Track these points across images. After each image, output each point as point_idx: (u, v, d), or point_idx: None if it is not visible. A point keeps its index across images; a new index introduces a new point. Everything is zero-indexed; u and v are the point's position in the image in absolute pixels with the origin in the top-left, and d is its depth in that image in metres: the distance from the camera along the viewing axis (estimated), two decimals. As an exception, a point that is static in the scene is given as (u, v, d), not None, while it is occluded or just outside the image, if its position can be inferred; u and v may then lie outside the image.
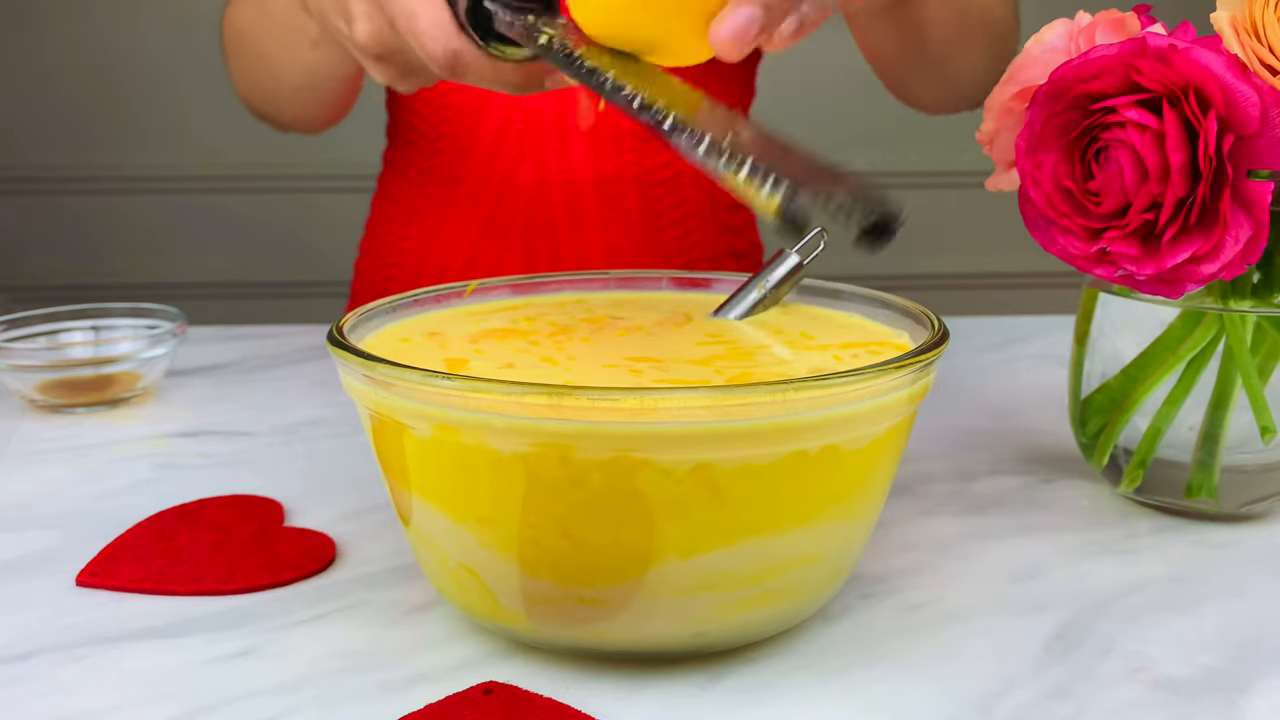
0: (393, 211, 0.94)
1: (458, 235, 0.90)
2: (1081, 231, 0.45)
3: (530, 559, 0.36)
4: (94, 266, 1.91)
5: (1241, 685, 0.38)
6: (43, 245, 1.90)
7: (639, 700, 0.37)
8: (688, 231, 0.91)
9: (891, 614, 0.42)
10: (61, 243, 1.90)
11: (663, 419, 0.33)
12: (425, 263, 0.92)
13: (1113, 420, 0.51)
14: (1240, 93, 0.41)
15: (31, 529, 0.50)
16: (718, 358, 0.41)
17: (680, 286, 0.52)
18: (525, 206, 0.88)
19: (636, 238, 0.89)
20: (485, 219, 0.89)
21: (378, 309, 0.45)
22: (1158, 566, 0.47)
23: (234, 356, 0.78)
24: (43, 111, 1.87)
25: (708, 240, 0.92)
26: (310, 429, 0.63)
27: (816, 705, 0.37)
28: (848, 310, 0.48)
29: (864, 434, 0.37)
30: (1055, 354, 0.77)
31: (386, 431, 0.38)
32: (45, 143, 1.88)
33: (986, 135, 0.49)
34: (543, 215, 0.88)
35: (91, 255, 1.90)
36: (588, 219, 0.88)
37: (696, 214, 0.91)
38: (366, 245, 0.97)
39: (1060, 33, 0.47)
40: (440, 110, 0.88)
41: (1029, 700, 0.37)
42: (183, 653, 0.40)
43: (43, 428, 0.63)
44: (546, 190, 0.87)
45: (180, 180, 1.88)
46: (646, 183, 0.89)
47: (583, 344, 0.43)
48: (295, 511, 0.51)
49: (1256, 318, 0.47)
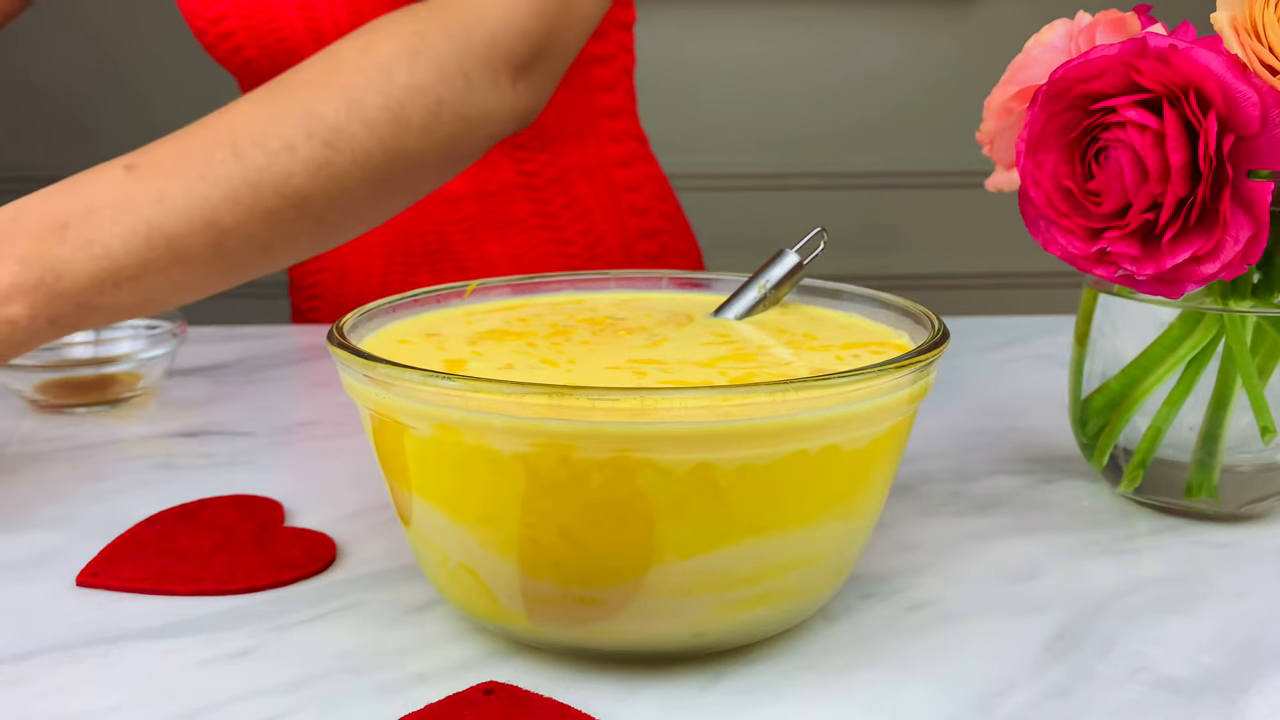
0: None
1: (366, 265, 0.90)
2: (1081, 231, 0.45)
3: (530, 559, 0.36)
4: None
5: (1241, 685, 0.38)
6: (43, 245, 1.90)
7: (639, 700, 0.37)
8: (591, 226, 0.90)
9: (891, 614, 0.42)
10: (61, 243, 1.90)
11: (663, 419, 0.33)
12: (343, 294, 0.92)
13: (1113, 420, 0.51)
14: (1240, 93, 0.41)
15: (31, 529, 0.50)
16: (722, 359, 0.41)
17: (680, 287, 0.52)
18: (417, 229, 0.87)
19: (538, 240, 0.89)
20: (385, 247, 0.89)
21: (378, 308, 0.45)
22: (1158, 566, 0.47)
23: (234, 356, 0.78)
24: (43, 111, 1.87)
25: (614, 230, 0.91)
26: (310, 429, 0.63)
27: (816, 705, 0.37)
28: (848, 310, 0.48)
29: (864, 434, 0.37)
30: (1055, 354, 0.77)
31: (386, 431, 0.38)
32: (45, 143, 1.88)
33: (986, 135, 0.49)
34: (435, 233, 0.87)
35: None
36: (481, 231, 0.87)
37: (597, 207, 0.90)
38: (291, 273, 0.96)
39: (1060, 33, 0.47)
40: None
41: (1029, 700, 0.37)
42: (183, 653, 0.40)
43: (43, 428, 0.63)
44: (431, 210, 0.87)
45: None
46: (532, 187, 0.88)
47: (582, 346, 0.43)
48: (295, 511, 0.51)
49: (1256, 318, 0.47)
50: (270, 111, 0.54)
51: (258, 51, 0.83)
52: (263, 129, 0.54)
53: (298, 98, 0.55)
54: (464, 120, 0.60)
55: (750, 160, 1.95)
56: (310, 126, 0.54)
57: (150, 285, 0.52)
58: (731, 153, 1.95)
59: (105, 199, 0.51)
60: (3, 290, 0.48)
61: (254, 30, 0.82)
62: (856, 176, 1.99)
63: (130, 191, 0.51)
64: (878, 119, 1.97)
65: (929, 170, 1.96)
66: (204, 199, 0.52)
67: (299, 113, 0.54)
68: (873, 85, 1.96)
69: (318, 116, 0.55)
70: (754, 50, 1.93)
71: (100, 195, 0.51)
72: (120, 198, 0.51)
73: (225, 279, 0.55)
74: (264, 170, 0.53)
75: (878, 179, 1.99)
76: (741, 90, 1.94)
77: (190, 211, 0.51)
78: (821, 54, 1.95)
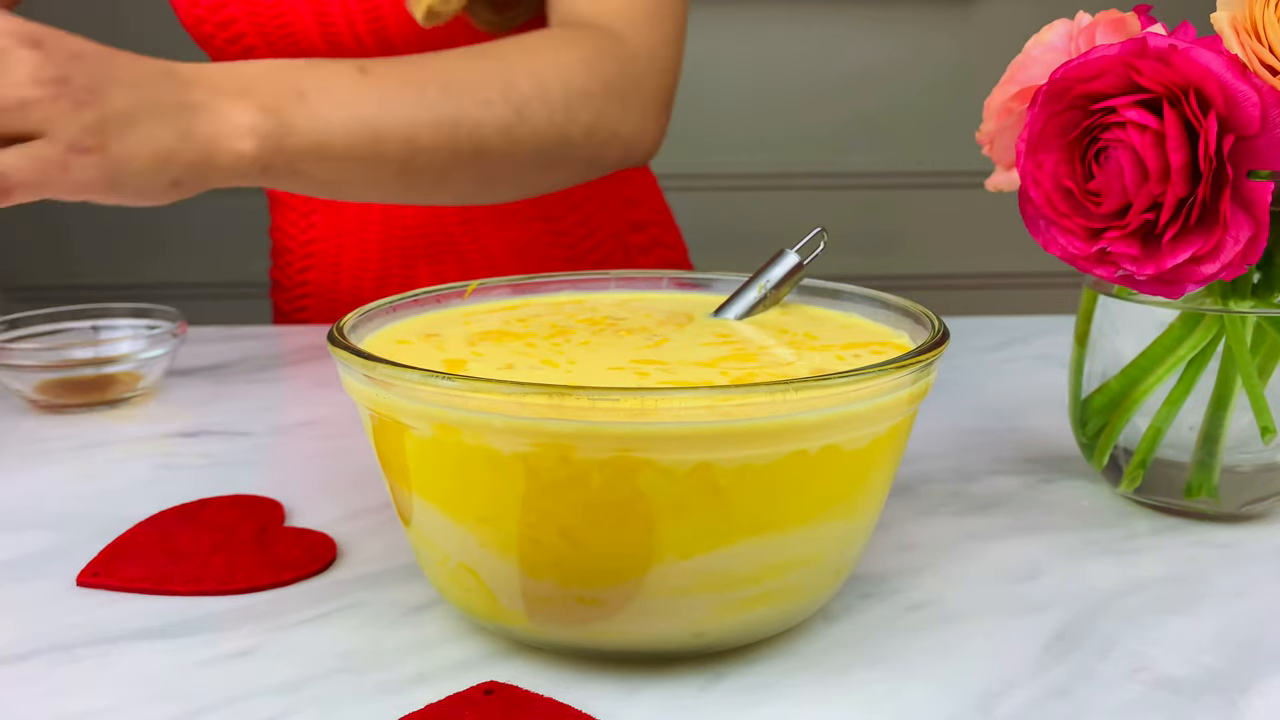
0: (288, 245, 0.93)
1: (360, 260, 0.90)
2: (1081, 231, 0.45)
3: (530, 559, 0.36)
4: (94, 266, 1.91)
5: (1241, 685, 0.38)
6: (43, 245, 1.90)
7: (639, 700, 0.37)
8: (587, 216, 0.91)
9: (891, 614, 0.42)
10: (61, 243, 1.90)
11: (663, 419, 0.33)
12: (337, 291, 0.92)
13: (1113, 420, 0.51)
14: (1240, 93, 0.41)
15: (31, 529, 0.50)
16: (723, 359, 0.41)
17: (680, 287, 0.52)
18: (416, 225, 0.88)
19: (537, 231, 0.89)
20: (381, 241, 0.89)
21: (378, 308, 0.45)
22: (1158, 566, 0.47)
23: (234, 356, 0.78)
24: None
25: (609, 220, 0.92)
26: (310, 429, 0.63)
27: (816, 705, 0.37)
28: (848, 310, 0.48)
29: (864, 434, 0.37)
30: (1055, 354, 0.77)
31: (387, 431, 0.38)
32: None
33: (986, 135, 0.49)
34: (435, 227, 0.88)
35: (91, 255, 1.91)
36: (482, 225, 0.88)
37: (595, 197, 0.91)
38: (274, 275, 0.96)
39: (1060, 33, 0.47)
40: None
41: (1029, 700, 0.37)
42: (183, 653, 0.40)
43: (43, 427, 0.63)
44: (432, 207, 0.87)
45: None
46: None
47: (583, 347, 0.43)
48: (295, 511, 0.51)
49: (1256, 318, 0.47)
50: (479, 68, 0.63)
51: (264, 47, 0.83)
52: (471, 80, 0.62)
53: (499, 66, 0.63)
54: (615, 136, 0.68)
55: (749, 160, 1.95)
56: (506, 92, 0.63)
57: (347, 170, 0.60)
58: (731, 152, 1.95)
59: (338, 85, 0.59)
60: (244, 127, 0.57)
61: (261, 26, 0.82)
62: (856, 176, 1.99)
63: (359, 88, 0.60)
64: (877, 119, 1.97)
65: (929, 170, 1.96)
66: (411, 117, 0.60)
67: (499, 78, 0.63)
68: (872, 85, 1.96)
69: (513, 85, 0.63)
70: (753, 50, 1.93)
71: (334, 80, 0.60)
72: (350, 89, 0.59)
73: (399, 192, 0.64)
74: (464, 113, 0.61)
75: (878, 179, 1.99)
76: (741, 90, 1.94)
77: (400, 123, 0.60)
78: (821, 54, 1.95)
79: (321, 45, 0.81)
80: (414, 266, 0.89)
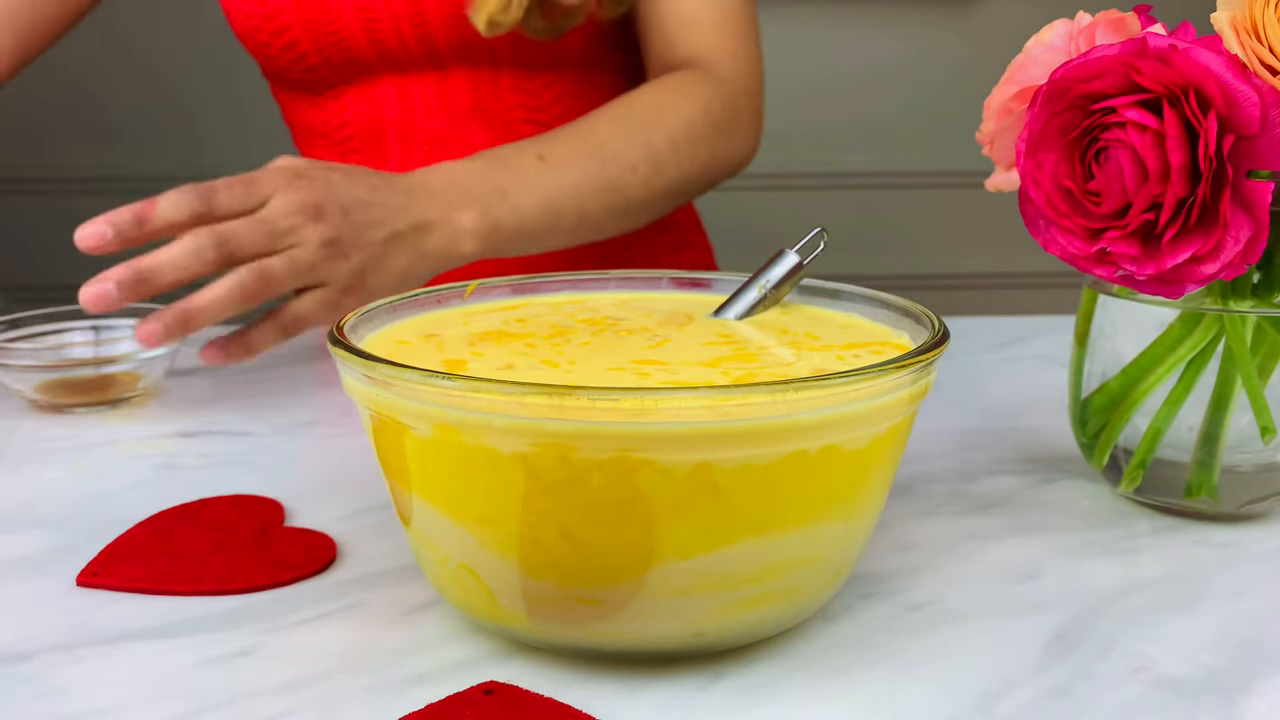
0: None
1: None
2: (1081, 231, 0.45)
3: (530, 559, 0.36)
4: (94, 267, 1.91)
5: (1241, 685, 0.38)
6: (43, 245, 1.90)
7: (639, 700, 0.37)
8: None
9: (891, 614, 0.42)
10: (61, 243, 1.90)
11: (663, 419, 0.33)
12: None
13: (1113, 420, 0.51)
14: (1240, 93, 0.41)
15: (31, 529, 0.50)
16: (724, 359, 0.41)
17: (680, 287, 0.52)
18: None
19: None
20: None
21: (378, 309, 0.45)
22: (1158, 566, 0.47)
23: (234, 356, 0.77)
24: (44, 112, 1.87)
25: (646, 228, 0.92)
26: (310, 429, 0.63)
27: (816, 705, 0.37)
28: (848, 310, 0.48)
29: (864, 434, 0.37)
30: (1055, 354, 0.77)
31: (387, 431, 0.38)
32: (46, 143, 1.88)
33: (986, 135, 0.49)
34: None
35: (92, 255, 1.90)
36: None
37: None
38: None
39: (1060, 33, 0.47)
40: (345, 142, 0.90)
41: (1029, 700, 0.37)
42: (183, 653, 0.40)
43: (43, 427, 0.63)
44: None
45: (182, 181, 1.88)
46: None
47: (583, 347, 0.43)
48: (295, 511, 0.51)
49: (1256, 318, 0.47)
50: (624, 138, 0.77)
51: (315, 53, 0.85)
52: (619, 150, 0.76)
53: (639, 133, 0.77)
54: (725, 165, 0.83)
55: (750, 160, 1.95)
56: (646, 154, 0.77)
57: (534, 243, 0.75)
58: (731, 153, 1.95)
59: (526, 176, 0.73)
60: (465, 233, 0.71)
61: (314, 33, 0.84)
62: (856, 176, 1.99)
63: (541, 175, 0.74)
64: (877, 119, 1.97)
65: (929, 170, 1.96)
66: (580, 193, 0.75)
67: (640, 144, 0.77)
68: (872, 85, 1.96)
69: (651, 148, 0.78)
70: (754, 50, 1.92)
71: (523, 173, 0.73)
72: (535, 178, 0.73)
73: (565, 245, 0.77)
74: (617, 180, 0.76)
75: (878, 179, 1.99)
76: (741, 90, 1.94)
77: (573, 199, 0.75)
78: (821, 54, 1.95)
79: (369, 52, 0.85)
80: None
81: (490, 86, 0.87)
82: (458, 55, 0.85)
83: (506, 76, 0.87)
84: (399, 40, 0.84)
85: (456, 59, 0.85)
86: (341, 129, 0.90)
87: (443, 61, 0.86)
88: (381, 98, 0.88)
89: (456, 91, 0.87)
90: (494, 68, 0.86)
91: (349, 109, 0.89)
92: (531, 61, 0.86)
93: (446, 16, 0.83)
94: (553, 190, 0.74)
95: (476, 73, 0.86)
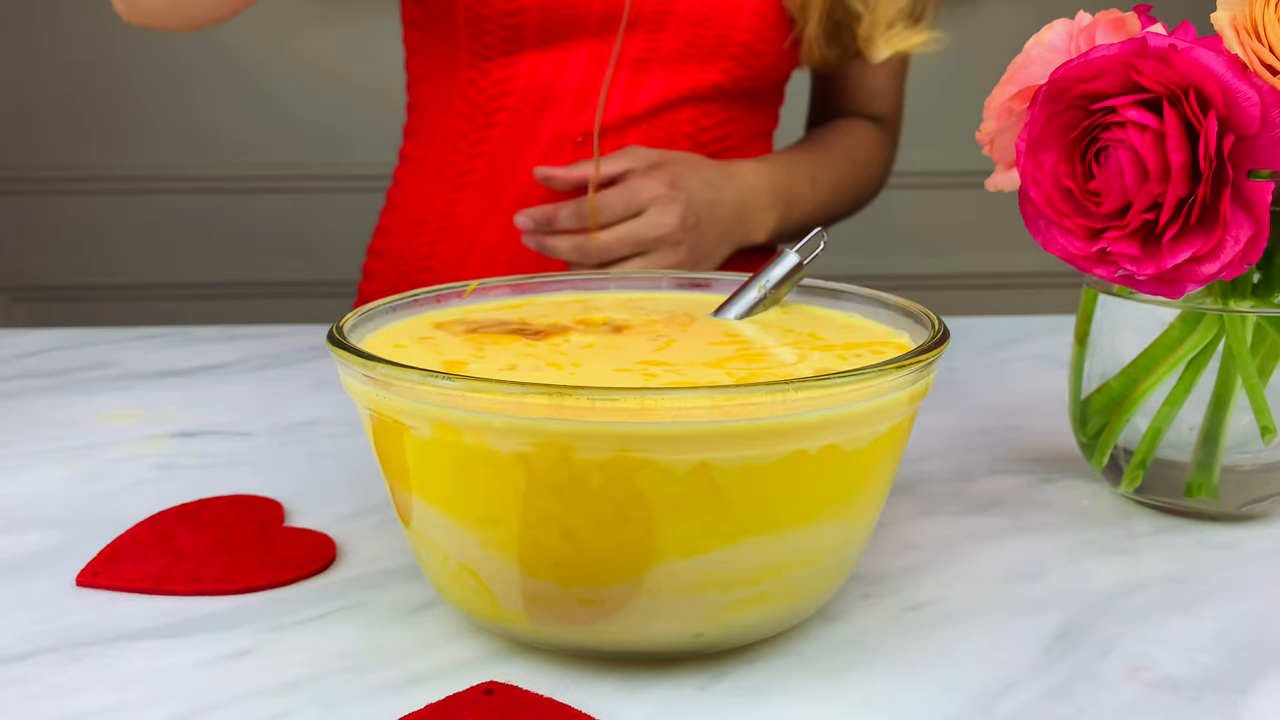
0: (422, 213, 0.92)
1: (500, 240, 0.89)
2: (1081, 231, 0.45)
3: (530, 559, 0.36)
4: (94, 266, 1.91)
5: (1241, 685, 0.38)
6: (43, 245, 1.90)
7: (639, 700, 0.37)
8: None
9: (891, 614, 0.42)
10: (61, 243, 1.90)
11: (663, 419, 0.33)
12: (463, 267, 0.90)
13: (1113, 420, 0.51)
14: (1240, 93, 0.41)
15: (31, 529, 0.50)
16: (729, 359, 0.41)
17: (680, 287, 0.52)
18: None
19: None
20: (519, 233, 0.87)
21: (377, 309, 0.45)
22: (1158, 566, 0.47)
23: (234, 356, 0.78)
24: (43, 111, 1.87)
25: None
26: (310, 429, 0.63)
27: (816, 705, 0.37)
28: (849, 310, 0.48)
29: (864, 434, 0.37)
30: (1055, 354, 0.77)
31: (386, 431, 0.38)
32: (45, 142, 1.88)
33: (986, 135, 0.49)
34: None
35: (91, 255, 1.91)
36: None
37: None
38: (385, 246, 0.95)
39: (1060, 33, 0.47)
40: (491, 114, 0.88)
41: (1029, 700, 0.37)
42: (183, 653, 0.40)
43: (43, 427, 0.63)
44: None
45: (181, 180, 1.88)
46: None
47: (587, 350, 0.43)
48: (295, 511, 0.51)
49: (1256, 318, 0.47)
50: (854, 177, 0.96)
51: (536, 26, 0.84)
52: (849, 186, 0.96)
53: (861, 174, 0.97)
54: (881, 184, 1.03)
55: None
56: (856, 194, 0.98)
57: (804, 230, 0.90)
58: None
59: (802, 195, 0.90)
60: (768, 227, 0.87)
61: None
62: (856, 176, 1.99)
63: (810, 196, 0.91)
64: (878, 119, 1.97)
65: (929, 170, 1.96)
66: (821, 216, 0.93)
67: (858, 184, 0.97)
68: (873, 85, 1.95)
69: (860, 190, 0.98)
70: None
71: (801, 192, 0.90)
72: (807, 197, 0.90)
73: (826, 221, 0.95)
74: (838, 209, 0.96)
75: (878, 179, 1.98)
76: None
77: (815, 221, 0.91)
78: (821, 54, 1.94)
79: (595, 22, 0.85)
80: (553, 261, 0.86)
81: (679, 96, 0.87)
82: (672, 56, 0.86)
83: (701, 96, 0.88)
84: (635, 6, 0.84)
85: (668, 61, 0.86)
86: (501, 98, 0.87)
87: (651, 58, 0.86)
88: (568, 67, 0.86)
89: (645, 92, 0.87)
90: (696, 79, 0.87)
91: (524, 75, 0.87)
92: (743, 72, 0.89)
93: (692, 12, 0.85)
94: (811, 208, 0.90)
95: (674, 79, 0.87)
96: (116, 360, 0.75)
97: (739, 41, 0.86)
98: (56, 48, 1.86)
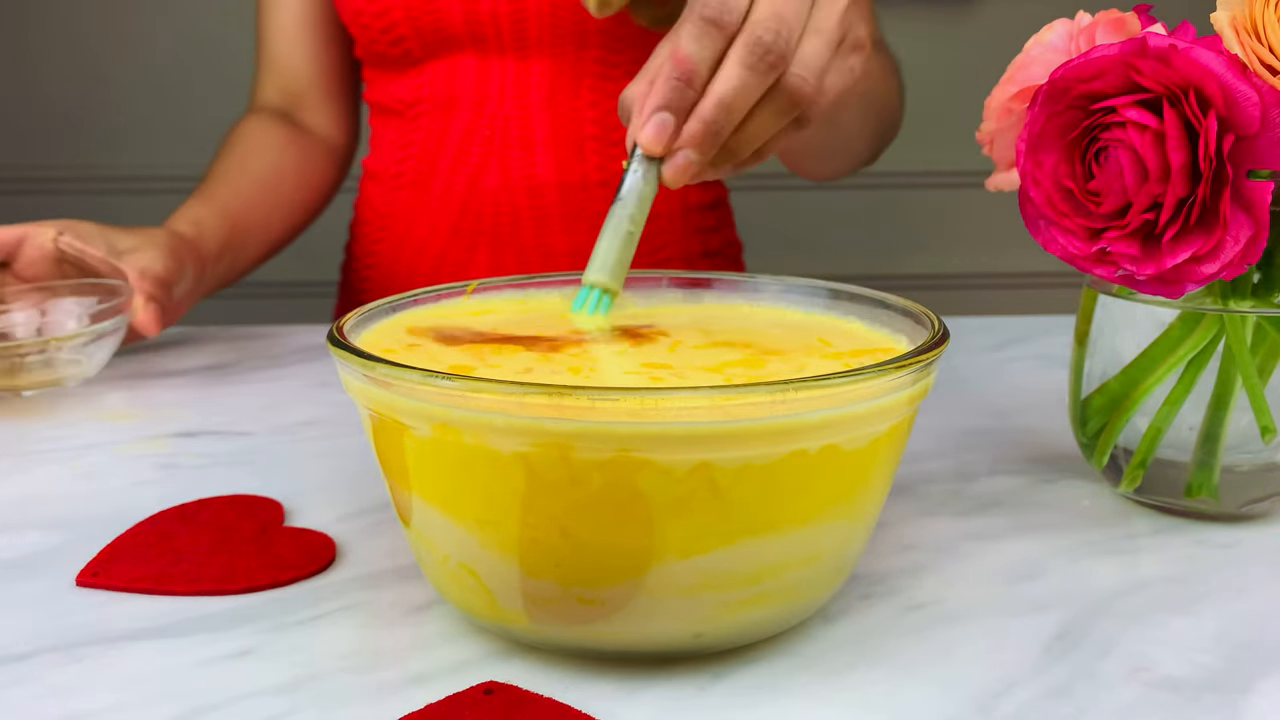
0: (368, 215, 0.98)
1: (427, 238, 0.93)
2: (1081, 231, 0.45)
3: (530, 559, 0.36)
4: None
5: (1241, 685, 0.38)
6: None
7: (639, 700, 0.37)
8: (656, 232, 0.94)
9: (891, 614, 0.42)
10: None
11: (663, 419, 0.33)
12: (397, 265, 0.96)
13: (1113, 420, 0.51)
14: (1240, 93, 0.41)
15: (31, 529, 0.50)
16: (729, 364, 0.41)
17: (680, 286, 0.52)
18: (491, 210, 0.91)
19: None
20: (453, 222, 0.92)
21: (378, 309, 0.45)
22: (1158, 566, 0.47)
23: (234, 356, 0.78)
24: (40, 111, 1.87)
25: (677, 240, 0.95)
26: (310, 429, 0.63)
27: (816, 705, 0.37)
28: (848, 312, 0.48)
29: (864, 434, 0.37)
30: (1055, 354, 0.77)
31: (386, 431, 0.38)
32: (42, 143, 1.88)
33: (986, 135, 0.49)
34: (508, 218, 0.91)
35: (91, 255, 1.90)
36: (552, 222, 0.91)
37: (665, 215, 0.94)
38: (349, 247, 1.03)
39: (1060, 33, 0.47)
40: (412, 120, 0.93)
41: (1029, 700, 0.37)
42: (183, 653, 0.40)
43: (43, 427, 0.63)
44: (511, 194, 0.91)
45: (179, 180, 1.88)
46: (611, 186, 0.91)
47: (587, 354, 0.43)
48: (295, 511, 0.51)
49: (1256, 318, 0.47)
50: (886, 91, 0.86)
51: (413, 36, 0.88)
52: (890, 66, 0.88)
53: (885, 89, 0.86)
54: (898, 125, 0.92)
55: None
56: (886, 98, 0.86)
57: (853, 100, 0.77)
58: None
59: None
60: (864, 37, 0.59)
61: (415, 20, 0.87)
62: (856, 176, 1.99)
63: None
64: (878, 119, 1.97)
65: (929, 170, 1.96)
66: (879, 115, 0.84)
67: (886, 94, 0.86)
68: (873, 85, 1.96)
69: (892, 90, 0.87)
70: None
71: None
72: None
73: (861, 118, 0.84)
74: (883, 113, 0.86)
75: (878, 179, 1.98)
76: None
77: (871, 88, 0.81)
78: (821, 54, 1.95)
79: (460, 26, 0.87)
80: (475, 251, 0.92)
81: (568, 81, 0.89)
82: (544, 41, 0.88)
83: (587, 76, 0.89)
84: (492, 16, 0.86)
85: (542, 46, 0.88)
86: (414, 105, 0.92)
87: (527, 47, 0.88)
88: (460, 72, 0.90)
89: (534, 81, 0.89)
90: (576, 63, 0.88)
91: (426, 84, 0.91)
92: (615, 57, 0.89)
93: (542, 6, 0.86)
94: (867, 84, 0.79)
95: (558, 65, 0.89)
96: (116, 360, 0.75)
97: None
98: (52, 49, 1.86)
